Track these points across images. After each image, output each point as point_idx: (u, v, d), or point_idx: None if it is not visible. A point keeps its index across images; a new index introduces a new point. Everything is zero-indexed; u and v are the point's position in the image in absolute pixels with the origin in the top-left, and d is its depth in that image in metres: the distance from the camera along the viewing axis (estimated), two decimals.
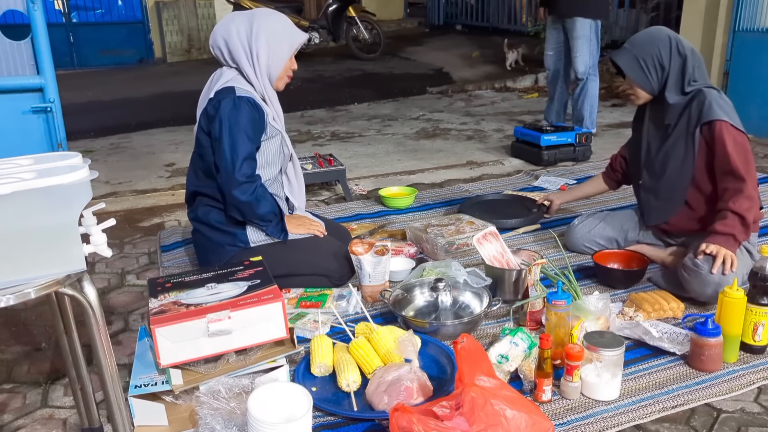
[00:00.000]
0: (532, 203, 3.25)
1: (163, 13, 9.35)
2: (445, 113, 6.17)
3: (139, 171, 4.42)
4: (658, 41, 2.37)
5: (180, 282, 1.88)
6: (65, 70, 8.11)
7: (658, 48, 2.35)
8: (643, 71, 2.38)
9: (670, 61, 2.35)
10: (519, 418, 1.43)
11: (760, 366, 1.93)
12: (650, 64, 2.36)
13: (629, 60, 2.40)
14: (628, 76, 2.41)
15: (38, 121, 2.94)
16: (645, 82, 2.40)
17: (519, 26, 9.40)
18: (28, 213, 1.18)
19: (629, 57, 2.40)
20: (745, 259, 2.25)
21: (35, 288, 1.20)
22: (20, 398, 1.94)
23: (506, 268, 2.35)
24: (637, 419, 1.71)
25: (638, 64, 2.38)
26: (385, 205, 3.48)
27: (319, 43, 8.53)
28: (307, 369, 1.91)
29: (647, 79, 2.39)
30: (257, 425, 1.45)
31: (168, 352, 1.63)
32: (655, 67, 2.37)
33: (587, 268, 2.59)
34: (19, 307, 2.40)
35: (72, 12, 9.25)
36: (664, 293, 2.28)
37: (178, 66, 9.17)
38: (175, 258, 2.88)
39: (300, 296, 2.35)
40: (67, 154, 1.40)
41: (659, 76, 2.37)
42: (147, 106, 6.63)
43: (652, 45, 2.37)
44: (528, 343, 1.90)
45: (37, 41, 2.83)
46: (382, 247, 2.37)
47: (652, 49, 2.36)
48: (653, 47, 2.36)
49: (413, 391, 1.69)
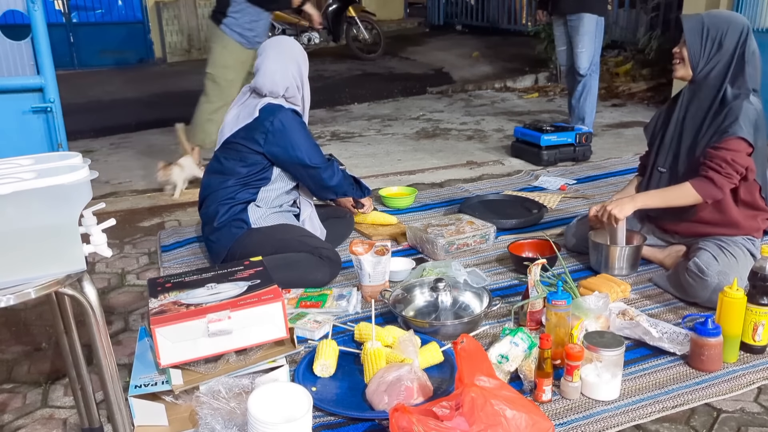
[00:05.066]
0: (533, 203, 3.25)
1: (163, 13, 9.34)
2: (445, 113, 6.16)
3: (139, 171, 4.41)
4: (733, 22, 2.29)
5: (180, 282, 1.88)
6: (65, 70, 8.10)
7: (728, 27, 2.27)
8: (701, 39, 2.29)
9: (734, 46, 2.26)
10: (519, 418, 1.43)
11: (760, 366, 1.93)
12: (711, 36, 2.27)
13: (695, 23, 2.31)
14: (686, 37, 2.31)
15: (38, 121, 2.94)
16: (696, 52, 2.30)
17: (519, 26, 9.39)
18: (28, 213, 1.18)
19: (696, 20, 2.31)
20: (747, 260, 2.25)
21: (35, 288, 1.20)
22: (20, 398, 1.94)
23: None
24: (637, 419, 1.71)
25: (701, 30, 2.29)
26: (385, 205, 3.48)
27: (319, 43, 8.53)
28: (307, 369, 1.91)
29: (700, 48, 2.29)
30: (257, 425, 1.45)
31: (168, 352, 1.63)
32: (713, 42, 2.28)
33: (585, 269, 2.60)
34: (19, 307, 2.40)
35: (72, 12, 9.24)
36: (609, 277, 2.42)
37: (178, 66, 9.16)
38: (175, 258, 2.88)
39: (300, 296, 2.35)
40: (67, 154, 1.40)
41: (711, 53, 2.29)
42: (147, 106, 6.63)
43: (724, 22, 2.29)
44: (528, 343, 1.90)
45: (37, 41, 2.83)
46: (382, 247, 2.37)
47: (721, 25, 2.27)
48: (724, 24, 2.28)
49: (413, 391, 1.69)
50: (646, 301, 2.33)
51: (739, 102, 2.24)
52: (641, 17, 7.52)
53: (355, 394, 1.81)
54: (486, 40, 9.28)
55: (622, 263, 2.50)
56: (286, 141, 2.50)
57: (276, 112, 2.50)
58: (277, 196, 2.63)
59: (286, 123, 2.50)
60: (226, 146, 2.58)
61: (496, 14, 9.90)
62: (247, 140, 2.51)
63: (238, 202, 2.55)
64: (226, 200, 2.54)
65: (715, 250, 2.25)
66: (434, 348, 1.95)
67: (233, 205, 2.54)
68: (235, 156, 2.54)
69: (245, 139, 2.52)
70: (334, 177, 2.66)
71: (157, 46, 9.64)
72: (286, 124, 2.50)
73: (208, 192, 2.61)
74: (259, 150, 2.51)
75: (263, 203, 2.59)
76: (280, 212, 2.65)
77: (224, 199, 2.54)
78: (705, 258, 2.22)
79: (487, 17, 10.08)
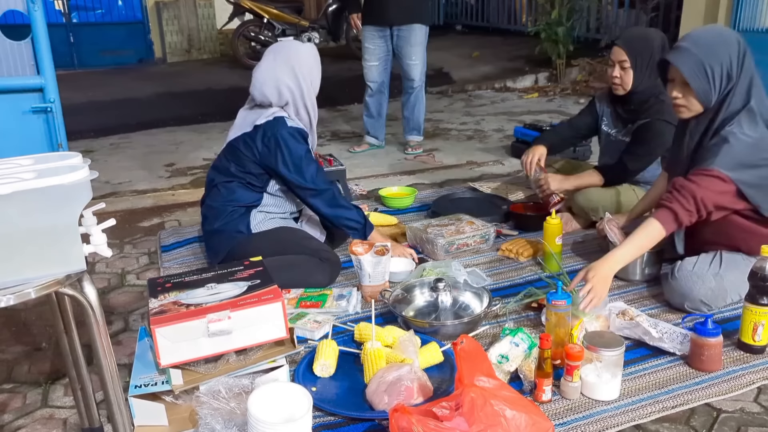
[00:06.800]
0: (502, 200, 3.32)
1: (163, 13, 9.35)
2: (445, 113, 6.16)
3: (139, 171, 4.42)
4: (729, 45, 2.01)
5: (180, 282, 1.88)
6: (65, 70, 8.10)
7: (729, 53, 2.00)
8: (708, 80, 2.01)
9: (741, 71, 2.00)
10: (519, 418, 1.43)
11: (760, 366, 1.93)
12: (717, 72, 2.01)
13: (693, 64, 2.02)
14: (691, 84, 2.03)
15: (38, 121, 2.94)
16: (706, 94, 2.03)
17: (519, 26, 9.39)
18: (28, 213, 1.18)
19: (693, 61, 2.02)
20: (741, 266, 2.18)
21: (35, 288, 1.20)
22: (20, 398, 1.94)
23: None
24: (637, 419, 1.71)
25: (703, 71, 2.01)
26: (385, 205, 3.48)
27: (319, 43, 8.52)
28: (307, 369, 1.91)
29: (710, 90, 2.03)
30: (257, 425, 1.45)
31: (168, 352, 1.63)
32: (721, 77, 2.01)
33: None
34: (19, 307, 2.40)
35: (72, 12, 9.25)
36: (523, 240, 2.76)
37: (178, 66, 9.17)
38: (175, 258, 2.88)
39: (300, 296, 2.35)
40: (67, 154, 1.40)
41: (723, 88, 2.02)
42: (147, 106, 6.63)
43: (722, 49, 2.01)
44: (528, 343, 1.90)
45: (37, 41, 2.83)
46: (382, 247, 2.37)
47: (722, 54, 2.00)
48: (723, 52, 2.00)
49: (413, 392, 1.69)
50: (646, 301, 2.33)
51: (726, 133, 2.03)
52: (641, 17, 7.53)
53: (355, 394, 1.80)
54: (486, 40, 9.28)
55: (635, 268, 2.44)
56: (277, 158, 2.44)
57: (271, 129, 2.45)
58: (278, 204, 2.62)
59: (281, 140, 2.43)
60: (229, 147, 2.57)
61: (496, 14, 9.91)
62: (246, 148, 2.50)
63: (239, 204, 2.54)
64: (228, 202, 2.53)
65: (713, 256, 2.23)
66: (434, 348, 1.95)
67: (235, 207, 2.53)
68: (235, 159, 2.53)
69: (244, 145, 2.50)
70: (328, 206, 2.51)
71: (157, 46, 9.65)
72: (280, 142, 2.43)
73: (211, 187, 2.60)
74: (255, 161, 2.49)
75: (265, 208, 2.58)
76: (281, 217, 2.64)
77: (226, 201, 2.53)
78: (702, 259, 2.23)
79: (487, 17, 10.09)
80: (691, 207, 2.02)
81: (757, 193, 2.05)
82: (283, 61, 2.49)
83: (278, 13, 8.20)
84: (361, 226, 2.56)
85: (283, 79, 2.47)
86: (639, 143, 2.79)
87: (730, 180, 2.00)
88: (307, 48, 2.56)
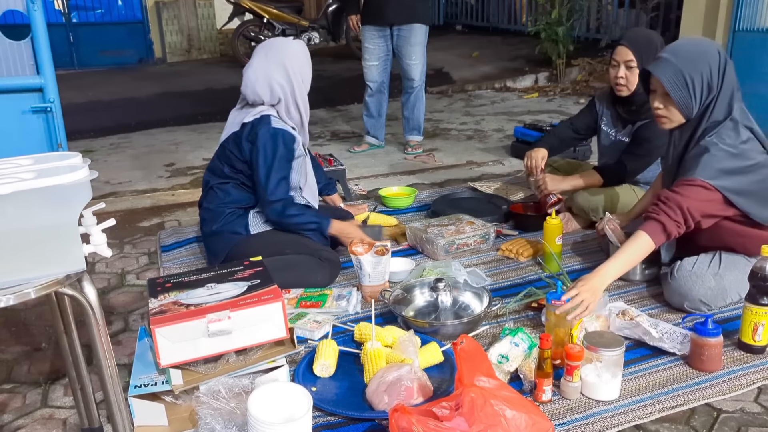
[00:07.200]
0: (502, 200, 3.32)
1: (163, 13, 9.35)
2: (445, 113, 6.16)
3: (139, 171, 4.42)
4: (709, 56, 2.02)
5: (180, 282, 1.88)
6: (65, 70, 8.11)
7: (709, 64, 2.01)
8: (688, 91, 2.03)
9: (721, 83, 2.01)
10: (519, 418, 1.43)
11: (760, 366, 1.93)
12: (698, 83, 2.02)
13: (673, 75, 2.03)
14: (671, 95, 2.05)
15: (38, 121, 2.93)
16: (687, 105, 2.05)
17: (519, 26, 9.39)
18: (28, 213, 1.18)
19: (673, 72, 2.03)
20: (741, 265, 2.19)
21: (35, 288, 1.20)
22: (20, 398, 1.94)
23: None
24: (637, 419, 1.71)
25: (684, 82, 2.02)
26: (385, 205, 3.48)
27: (319, 43, 8.53)
28: (307, 369, 1.91)
29: (691, 101, 2.04)
30: (257, 425, 1.45)
31: (168, 352, 1.63)
32: (702, 88, 2.03)
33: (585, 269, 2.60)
34: (19, 307, 2.40)
35: (72, 12, 9.25)
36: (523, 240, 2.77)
37: (178, 66, 9.17)
38: (175, 258, 2.88)
39: (300, 296, 2.35)
40: (67, 154, 1.40)
41: (704, 98, 2.04)
42: (147, 106, 6.63)
43: (702, 60, 2.02)
44: (528, 343, 1.90)
45: (37, 41, 2.82)
46: (382, 247, 2.37)
47: (702, 65, 2.01)
48: (703, 63, 2.01)
49: (413, 392, 1.69)
50: (646, 301, 2.33)
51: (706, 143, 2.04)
52: (641, 17, 7.53)
53: (355, 394, 1.80)
54: (486, 40, 9.27)
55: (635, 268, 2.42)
56: (256, 153, 2.42)
57: (256, 125, 2.44)
58: None
59: (260, 137, 2.41)
60: (221, 149, 2.57)
61: (496, 14, 9.91)
62: (234, 147, 2.50)
63: (236, 206, 2.54)
64: (225, 204, 2.53)
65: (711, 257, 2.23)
66: (434, 348, 1.95)
67: (232, 209, 2.53)
68: (227, 160, 2.53)
69: (233, 145, 2.50)
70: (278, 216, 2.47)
71: (157, 46, 9.65)
72: (259, 139, 2.41)
73: (207, 189, 2.60)
74: (243, 159, 2.48)
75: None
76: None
77: (223, 203, 2.53)
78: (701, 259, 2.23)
79: (487, 17, 10.08)
80: (678, 218, 2.01)
81: (744, 200, 2.05)
82: (274, 58, 2.46)
83: (278, 13, 8.20)
84: (317, 225, 2.53)
85: (275, 77, 2.45)
86: (639, 143, 2.80)
87: (713, 188, 2.01)
88: (297, 45, 2.53)
